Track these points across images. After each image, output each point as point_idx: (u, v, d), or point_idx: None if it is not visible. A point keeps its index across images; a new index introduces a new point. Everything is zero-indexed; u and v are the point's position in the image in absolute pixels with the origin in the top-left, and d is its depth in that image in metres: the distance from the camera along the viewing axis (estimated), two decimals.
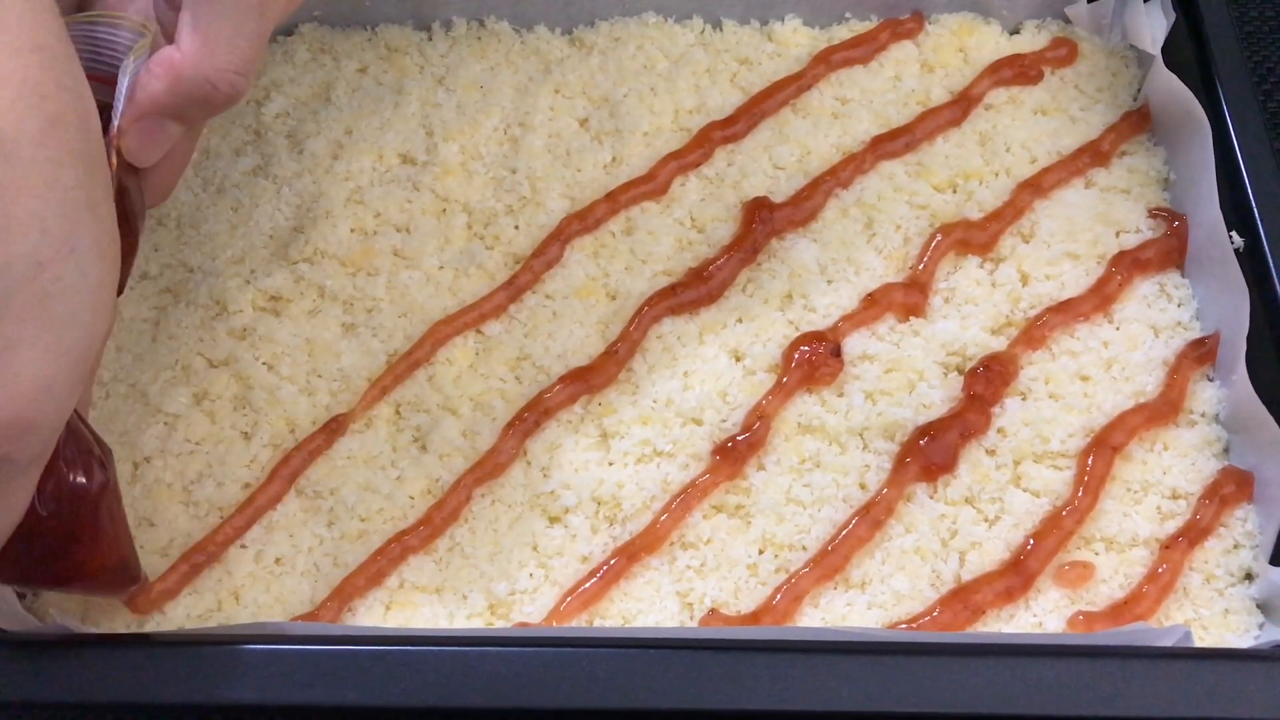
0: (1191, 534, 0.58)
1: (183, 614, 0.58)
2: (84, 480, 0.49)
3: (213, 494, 0.61)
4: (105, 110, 0.50)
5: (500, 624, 0.57)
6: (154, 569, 0.59)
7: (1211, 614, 0.56)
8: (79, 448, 0.49)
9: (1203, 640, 0.56)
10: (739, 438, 0.61)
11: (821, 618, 0.57)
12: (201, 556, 0.59)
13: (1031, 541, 0.58)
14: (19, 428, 0.42)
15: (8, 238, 0.40)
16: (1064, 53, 0.74)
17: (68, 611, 0.57)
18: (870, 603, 0.57)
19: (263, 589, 0.58)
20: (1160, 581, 0.57)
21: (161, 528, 0.60)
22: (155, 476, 0.61)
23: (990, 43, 0.75)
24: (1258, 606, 0.57)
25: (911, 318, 0.65)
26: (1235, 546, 0.58)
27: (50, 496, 0.47)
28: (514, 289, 0.66)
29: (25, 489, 0.45)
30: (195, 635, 0.54)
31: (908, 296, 0.65)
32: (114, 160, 0.50)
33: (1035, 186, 0.68)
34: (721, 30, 0.76)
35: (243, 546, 0.60)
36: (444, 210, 0.70)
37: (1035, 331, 0.64)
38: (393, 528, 0.60)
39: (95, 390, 0.64)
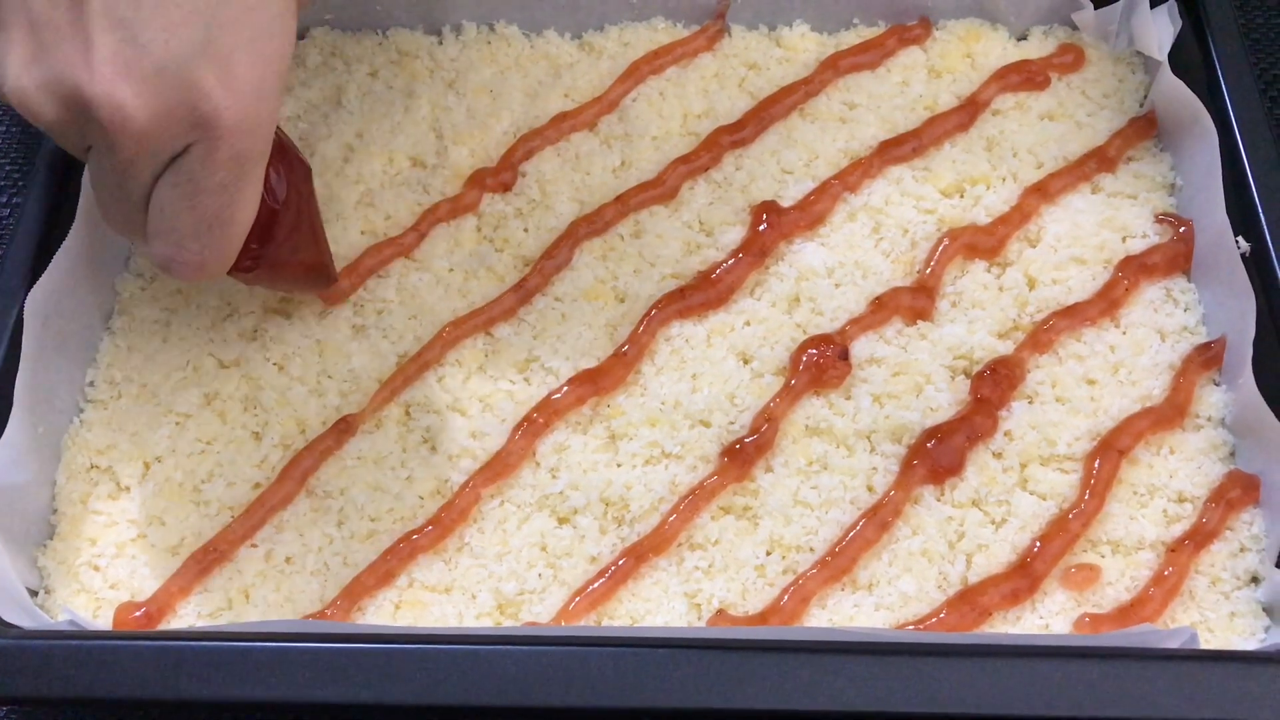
0: (1198, 537, 0.58)
1: (193, 612, 0.58)
2: (297, 176, 0.58)
3: (223, 493, 0.61)
4: None
5: (509, 624, 0.57)
6: (165, 568, 0.59)
7: (1217, 617, 0.56)
8: (285, 150, 0.58)
9: (1208, 643, 0.56)
10: (747, 440, 0.61)
11: (829, 619, 0.57)
12: (212, 555, 0.59)
13: (1038, 544, 0.58)
14: (248, 123, 0.49)
15: None
16: (1070, 59, 0.74)
17: (77, 607, 0.58)
18: (877, 604, 0.57)
19: (273, 588, 0.59)
20: (1166, 584, 0.57)
21: (172, 526, 0.60)
22: (166, 476, 0.62)
23: (997, 48, 0.75)
24: (1263, 609, 0.57)
25: (919, 321, 0.65)
26: (1241, 550, 0.58)
27: (276, 191, 0.57)
28: (523, 291, 0.66)
29: (258, 181, 0.53)
30: (205, 633, 0.54)
31: (915, 300, 0.65)
32: None
33: (1042, 191, 0.69)
34: (730, 35, 0.77)
35: (253, 546, 0.60)
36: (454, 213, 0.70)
37: (1042, 335, 0.64)
38: (402, 528, 0.60)
39: (106, 389, 0.64)
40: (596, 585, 0.58)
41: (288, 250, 0.59)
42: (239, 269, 0.57)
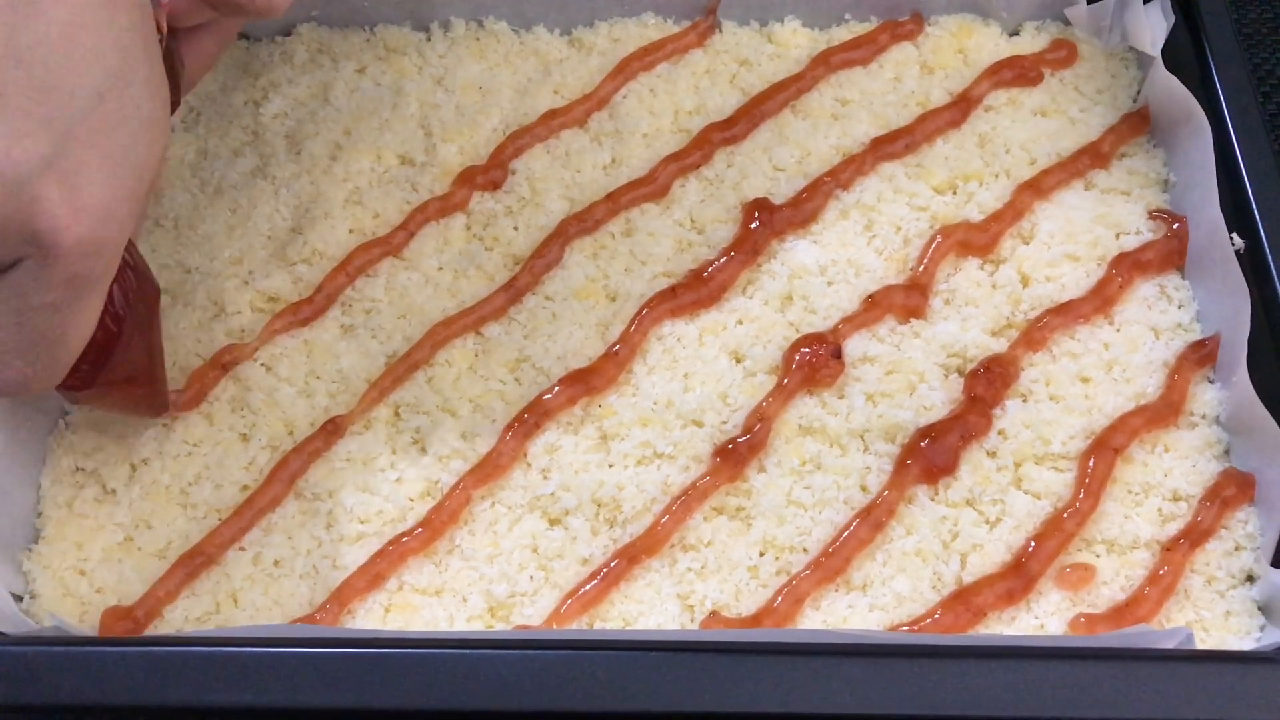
0: (1192, 536, 0.58)
1: (181, 616, 0.58)
2: (143, 299, 0.56)
3: (210, 496, 0.61)
4: None
5: (500, 626, 0.57)
6: (152, 572, 0.59)
7: (1213, 616, 0.56)
8: (135, 270, 0.55)
9: (1204, 642, 0.56)
10: (739, 439, 0.60)
11: (822, 620, 0.57)
12: (199, 559, 0.59)
13: (1033, 543, 0.58)
14: (89, 245, 0.46)
15: (70, 69, 0.44)
16: (1063, 54, 0.74)
17: (63, 612, 0.57)
18: (871, 605, 0.57)
19: (261, 592, 0.58)
20: (1161, 583, 0.57)
21: (159, 530, 0.60)
22: (153, 478, 0.61)
23: (990, 44, 0.75)
24: (1259, 608, 0.57)
25: (912, 319, 0.65)
26: (1236, 548, 0.58)
27: (120, 313, 0.54)
28: (513, 290, 0.66)
29: (96, 304, 0.50)
30: (193, 638, 0.54)
31: (908, 298, 0.65)
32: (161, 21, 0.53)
33: (1035, 188, 0.68)
34: (721, 31, 0.76)
35: (241, 549, 0.59)
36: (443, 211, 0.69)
37: (1036, 333, 0.63)
38: (392, 530, 0.59)
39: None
40: (588, 587, 0.57)
41: (122, 374, 0.56)
42: (66, 386, 0.54)
